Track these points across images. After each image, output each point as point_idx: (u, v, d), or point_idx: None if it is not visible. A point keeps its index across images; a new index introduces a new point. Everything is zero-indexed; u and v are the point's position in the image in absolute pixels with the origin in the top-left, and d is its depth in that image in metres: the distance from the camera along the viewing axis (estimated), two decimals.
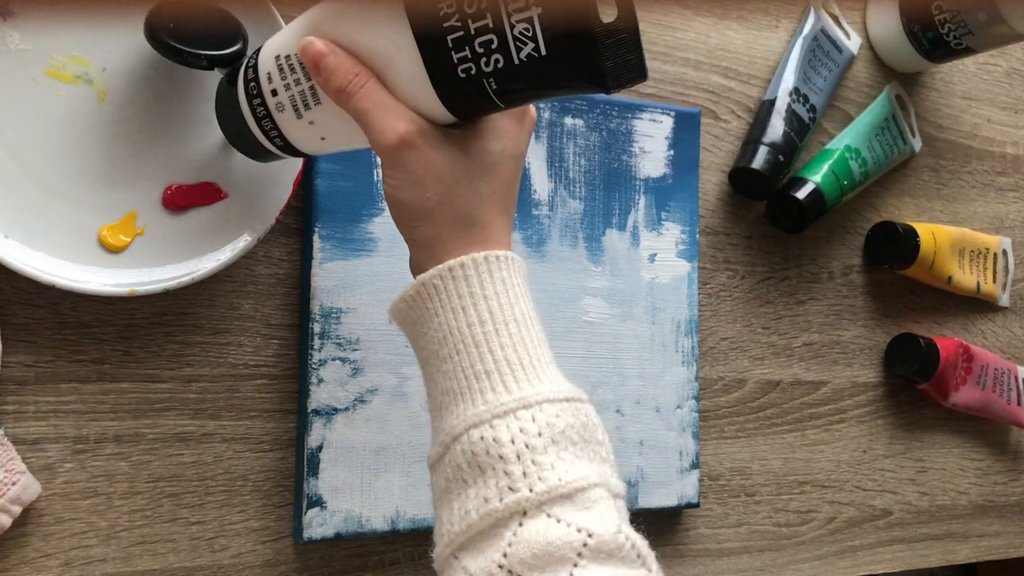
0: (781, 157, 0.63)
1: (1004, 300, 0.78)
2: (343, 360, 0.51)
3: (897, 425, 0.72)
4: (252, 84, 0.41)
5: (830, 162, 0.65)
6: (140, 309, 0.49)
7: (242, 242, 0.48)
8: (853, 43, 0.70)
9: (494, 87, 0.35)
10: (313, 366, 0.50)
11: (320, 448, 0.50)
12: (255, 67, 0.41)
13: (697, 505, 0.61)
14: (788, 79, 0.65)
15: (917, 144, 0.73)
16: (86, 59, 0.46)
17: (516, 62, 0.34)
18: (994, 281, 0.76)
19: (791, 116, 0.64)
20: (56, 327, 0.47)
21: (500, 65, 0.35)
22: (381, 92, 0.37)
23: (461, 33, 0.34)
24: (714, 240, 0.65)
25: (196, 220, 0.48)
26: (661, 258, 0.61)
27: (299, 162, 0.49)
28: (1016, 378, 0.76)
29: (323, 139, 0.41)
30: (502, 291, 0.38)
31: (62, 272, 0.45)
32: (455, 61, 0.35)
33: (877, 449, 0.71)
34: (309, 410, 0.50)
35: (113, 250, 0.46)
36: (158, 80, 0.47)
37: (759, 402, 0.66)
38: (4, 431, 0.45)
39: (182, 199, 0.48)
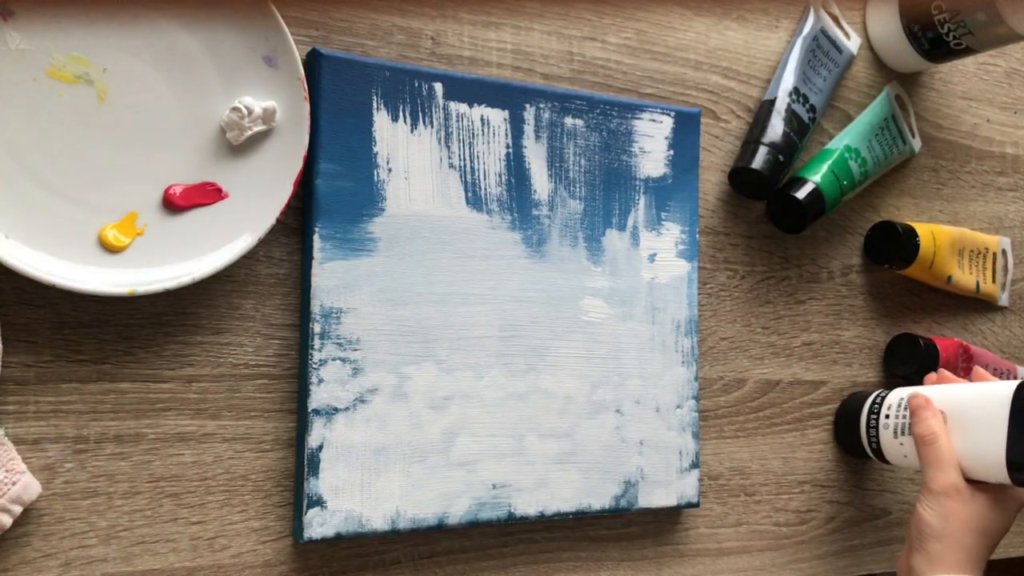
0: (781, 157, 0.63)
1: (1003, 300, 0.78)
2: (343, 360, 0.51)
3: None
4: (876, 404, 0.65)
5: (830, 162, 0.65)
6: (140, 309, 0.49)
7: (242, 242, 0.49)
8: (853, 43, 0.70)
9: None
10: (313, 366, 0.50)
11: (320, 448, 0.50)
12: (884, 397, 0.64)
13: (697, 505, 0.61)
14: (788, 79, 0.65)
15: (917, 144, 0.73)
16: (87, 59, 0.46)
17: None
18: (993, 281, 0.76)
19: (791, 116, 0.64)
20: (56, 327, 0.47)
21: None
22: (943, 450, 0.56)
23: None
24: (714, 240, 0.65)
25: (196, 220, 0.48)
26: (661, 258, 0.61)
27: (299, 162, 0.49)
28: (1016, 378, 0.76)
29: (905, 456, 0.62)
30: None
31: (62, 272, 0.45)
32: None
33: None
34: (309, 410, 0.50)
35: (113, 250, 0.46)
36: (158, 80, 0.47)
37: (759, 402, 0.66)
38: (4, 431, 0.45)
39: (182, 199, 0.48)
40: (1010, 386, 0.56)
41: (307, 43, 0.53)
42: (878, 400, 0.65)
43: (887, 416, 0.63)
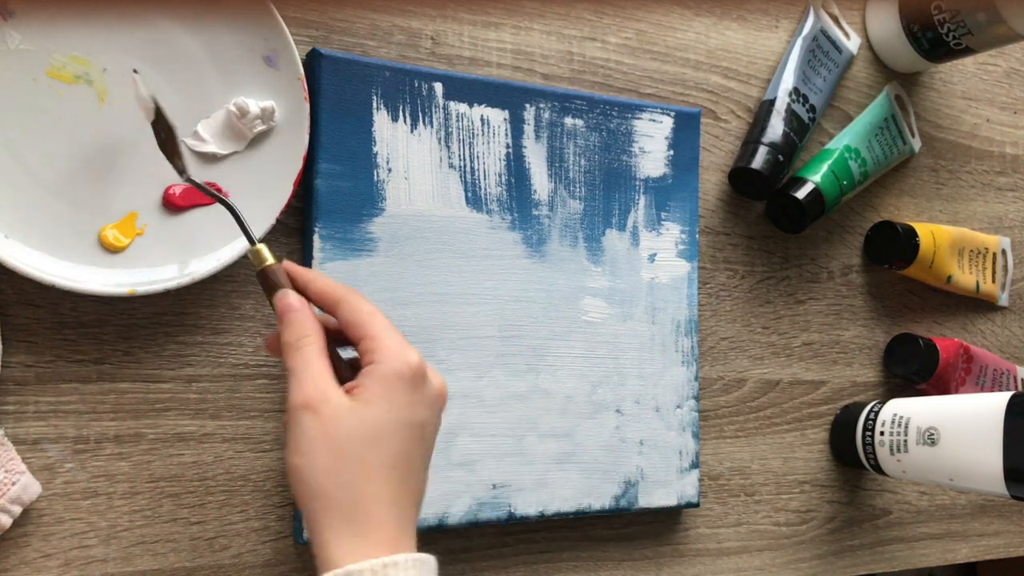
0: (781, 157, 0.63)
1: (1003, 300, 0.78)
2: None
3: None
4: (870, 420, 0.65)
5: (829, 162, 0.65)
6: (140, 309, 0.49)
7: (242, 242, 0.48)
8: (853, 43, 0.70)
9: None
10: None
11: None
12: (879, 411, 0.64)
13: (697, 505, 0.61)
14: (788, 79, 0.65)
15: (916, 144, 0.73)
16: (86, 59, 0.46)
17: None
18: (993, 281, 0.76)
19: (791, 116, 0.64)
20: (56, 327, 0.47)
21: None
22: (316, 358, 0.39)
23: None
24: (714, 240, 0.65)
25: (196, 220, 0.48)
26: (661, 258, 0.61)
27: (299, 162, 0.49)
28: (1015, 379, 0.76)
29: (904, 472, 0.62)
30: None
31: (62, 272, 0.45)
32: None
33: None
34: None
35: (113, 250, 0.46)
36: (158, 80, 0.47)
37: (759, 402, 0.66)
38: (4, 431, 0.45)
39: (182, 199, 0.48)
40: (1003, 397, 0.56)
41: (307, 43, 0.53)
42: (872, 416, 0.65)
43: (882, 433, 0.63)
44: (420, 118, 0.54)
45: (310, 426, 0.37)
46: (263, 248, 0.43)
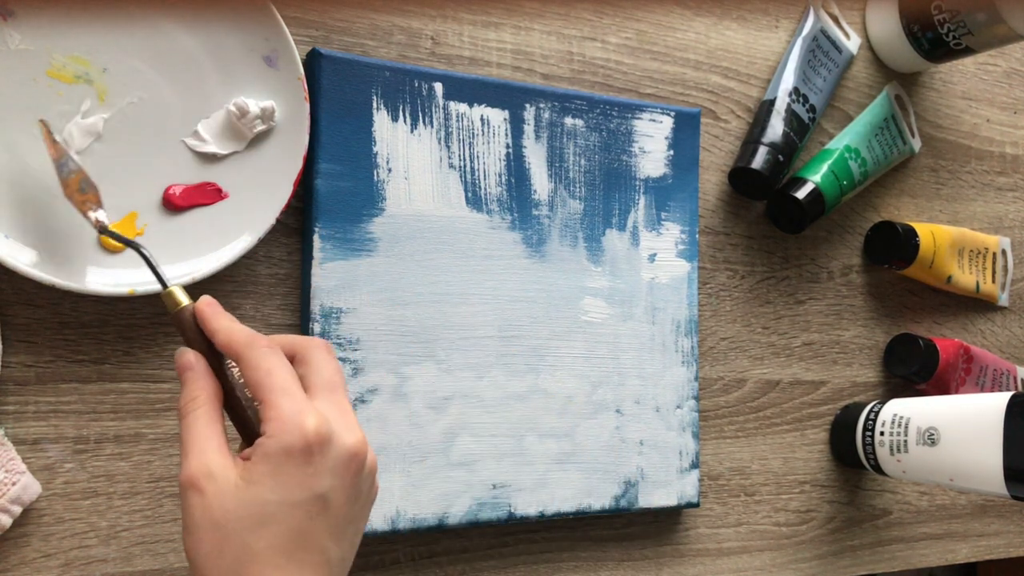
0: (781, 157, 0.63)
1: (1003, 300, 0.78)
2: (343, 360, 0.51)
3: None
4: (870, 420, 0.65)
5: (830, 162, 0.65)
6: (140, 309, 0.49)
7: (242, 242, 0.48)
8: (853, 43, 0.70)
9: None
10: None
11: None
12: (879, 411, 0.65)
13: (697, 505, 0.61)
14: (788, 79, 0.65)
15: (916, 144, 0.73)
16: (87, 59, 0.46)
17: None
18: (993, 281, 0.76)
19: (791, 116, 0.64)
20: (56, 327, 0.47)
21: None
22: (203, 426, 0.37)
23: None
24: (714, 240, 0.65)
25: (196, 220, 0.48)
26: (661, 258, 0.61)
27: (299, 162, 0.49)
28: (1015, 379, 0.76)
29: (904, 472, 0.62)
30: None
31: (62, 272, 0.45)
32: None
33: None
34: None
35: (113, 250, 0.46)
36: (158, 80, 0.47)
37: (759, 402, 0.66)
38: (4, 431, 0.45)
39: (182, 199, 0.48)
40: (1003, 397, 0.56)
41: (307, 43, 0.53)
42: (871, 416, 0.65)
43: (882, 433, 0.64)
44: (420, 118, 0.54)
45: (194, 505, 0.35)
46: (175, 291, 0.39)
